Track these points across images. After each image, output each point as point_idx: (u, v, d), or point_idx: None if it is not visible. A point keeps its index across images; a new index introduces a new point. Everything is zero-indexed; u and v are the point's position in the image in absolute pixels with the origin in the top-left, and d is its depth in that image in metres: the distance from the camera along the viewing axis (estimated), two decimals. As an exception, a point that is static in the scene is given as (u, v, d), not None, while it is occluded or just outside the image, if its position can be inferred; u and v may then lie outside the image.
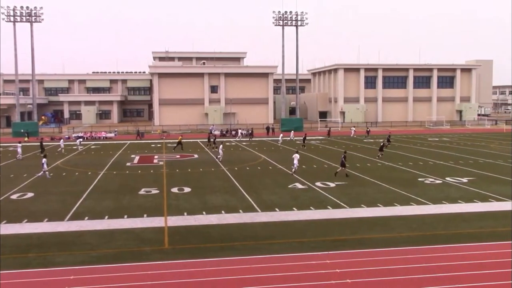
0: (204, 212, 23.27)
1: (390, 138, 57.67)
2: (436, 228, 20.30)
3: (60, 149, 52.81)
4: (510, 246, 17.76)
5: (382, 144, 46.98)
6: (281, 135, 64.12)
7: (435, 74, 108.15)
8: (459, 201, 25.47)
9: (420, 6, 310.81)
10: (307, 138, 59.46)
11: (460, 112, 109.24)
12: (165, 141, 66.21)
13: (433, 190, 28.57)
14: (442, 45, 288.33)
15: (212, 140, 57.61)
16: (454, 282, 14.37)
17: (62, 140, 55.89)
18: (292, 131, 70.20)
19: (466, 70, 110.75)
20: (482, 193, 27.32)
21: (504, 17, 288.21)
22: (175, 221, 21.69)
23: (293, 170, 35.11)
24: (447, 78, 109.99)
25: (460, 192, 27.73)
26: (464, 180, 31.86)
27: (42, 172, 34.44)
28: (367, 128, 76.33)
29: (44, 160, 34.77)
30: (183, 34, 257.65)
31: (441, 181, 31.45)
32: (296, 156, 35.72)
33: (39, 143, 54.39)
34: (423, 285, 14.19)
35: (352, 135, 71.58)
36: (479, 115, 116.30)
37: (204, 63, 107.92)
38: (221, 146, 45.86)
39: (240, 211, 23.58)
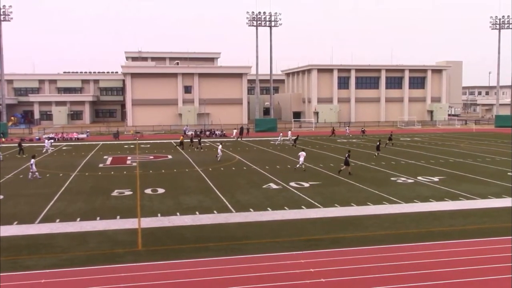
0: (178, 213, 23.13)
1: (392, 137, 58.28)
2: (408, 227, 20.60)
3: (45, 149, 51.67)
4: (480, 243, 18.14)
5: (378, 143, 47.20)
6: (281, 134, 63.25)
7: (406, 75, 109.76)
8: (431, 199, 25.89)
9: (391, 7, 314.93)
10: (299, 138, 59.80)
11: (431, 112, 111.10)
12: (138, 141, 65.60)
13: (405, 189, 28.98)
14: (413, 46, 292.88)
15: (196, 140, 57.50)
16: (426, 279, 14.59)
17: (48, 141, 54.25)
18: (290, 131, 69.06)
19: (437, 71, 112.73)
20: (453, 192, 27.83)
21: (473, 19, 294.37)
22: (148, 222, 21.50)
23: (297, 166, 36.91)
24: (418, 79, 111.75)
25: (431, 191, 28.19)
26: (435, 179, 32.41)
27: (30, 173, 33.76)
28: (362, 128, 77.16)
29: (32, 161, 34.05)
30: (157, 34, 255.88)
31: (413, 180, 31.93)
32: (302, 154, 37.20)
33: (17, 144, 52.22)
34: (396, 283, 14.37)
35: (347, 134, 71.53)
36: (449, 115, 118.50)
37: (177, 63, 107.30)
38: (220, 146, 45.95)
39: (215, 211, 23.52)
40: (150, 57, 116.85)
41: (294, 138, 59.40)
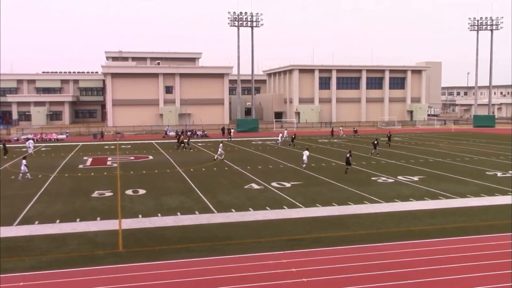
0: (159, 214, 23.00)
1: (391, 137, 58.74)
2: (388, 226, 20.78)
3: (29, 150, 50.87)
4: (460, 242, 18.38)
5: (376, 142, 47.36)
6: (281, 134, 63.00)
7: (387, 75, 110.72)
8: (411, 199, 26.16)
9: (371, 7, 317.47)
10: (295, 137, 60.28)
11: (411, 112, 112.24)
12: (119, 142, 65.07)
13: (385, 188, 29.23)
14: (393, 47, 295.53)
15: (186, 140, 57.46)
16: (407, 278, 14.73)
17: (30, 141, 53.25)
18: (286, 130, 69.04)
19: (417, 71, 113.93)
20: (432, 191, 28.16)
21: (452, 20, 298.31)
22: (129, 223, 21.33)
23: (303, 165, 38.01)
24: (398, 79, 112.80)
25: (411, 190, 28.49)
26: (415, 178, 32.75)
27: (21, 175, 33.26)
28: (354, 128, 77.75)
29: (23, 162, 33.51)
30: (137, 34, 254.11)
31: (393, 180, 32.22)
32: (306, 153, 38.63)
33: (1, 145, 51.08)
34: (377, 282, 14.49)
35: (341, 134, 71.72)
36: (429, 115, 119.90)
37: (158, 63, 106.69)
38: (221, 145, 46.16)
39: (196, 212, 23.44)
40: (131, 57, 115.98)
41: (292, 137, 59.63)
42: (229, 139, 67.42)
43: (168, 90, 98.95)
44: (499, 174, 34.37)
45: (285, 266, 15.79)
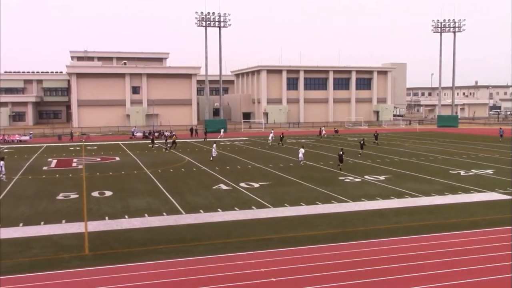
0: (126, 216, 22.71)
1: (378, 137, 59.43)
2: (355, 225, 21.03)
3: None
4: (424, 239, 18.75)
5: (362, 142, 48.39)
6: (271, 134, 62.68)
7: (353, 76, 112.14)
8: (377, 198, 26.54)
9: (337, 8, 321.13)
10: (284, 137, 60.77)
11: (377, 112, 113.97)
12: (85, 143, 63.96)
13: (353, 188, 29.58)
14: (359, 48, 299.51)
15: (166, 141, 57.30)
16: (374, 276, 14.93)
17: None
18: (272, 130, 67.84)
19: (382, 72, 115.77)
20: (398, 190, 28.64)
21: (416, 22, 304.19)
22: (96, 226, 20.99)
23: (301, 162, 39.53)
24: (364, 80, 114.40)
25: (378, 190, 28.91)
26: (382, 178, 33.25)
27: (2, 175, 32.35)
28: (335, 128, 78.33)
29: (1, 163, 32.52)
30: (103, 33, 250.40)
31: (360, 179, 32.63)
32: (301, 150, 40.05)
33: None
34: (345, 280, 14.64)
35: (323, 134, 71.75)
36: (394, 115, 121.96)
37: (125, 63, 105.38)
38: (214, 145, 46.12)
39: (164, 213, 23.24)
40: (97, 57, 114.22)
41: (280, 136, 59.83)
42: (205, 139, 66.89)
43: (135, 90, 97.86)
44: (462, 173, 35.21)
45: (254, 266, 15.80)
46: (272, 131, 65.88)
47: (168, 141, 57.61)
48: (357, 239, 18.76)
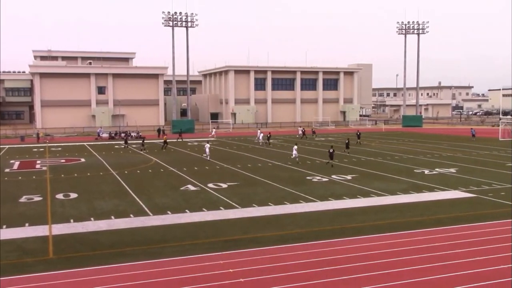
0: (92, 218, 22.34)
1: (360, 136, 60.00)
2: (323, 224, 21.21)
3: None
4: (390, 237, 19.06)
5: (347, 141, 49.32)
6: (260, 133, 62.77)
7: (320, 76, 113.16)
8: (344, 197, 26.84)
9: (306, 10, 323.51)
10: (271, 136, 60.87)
11: (343, 113, 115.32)
12: (49, 145, 62.61)
13: (320, 187, 29.84)
14: (326, 49, 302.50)
15: (143, 142, 56.79)
16: (342, 274, 15.09)
17: None
18: (259, 131, 67.13)
19: (349, 73, 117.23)
20: (365, 189, 29.03)
21: (382, 24, 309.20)
22: (60, 229, 20.57)
23: (296, 159, 41.58)
24: (331, 80, 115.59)
25: (345, 189, 29.24)
26: (348, 177, 33.65)
27: None
28: (313, 128, 78.61)
29: None
30: (68, 33, 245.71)
31: (327, 179, 32.94)
32: (295, 147, 42.27)
33: None
34: (313, 279, 14.75)
35: (299, 134, 71.56)
36: (360, 115, 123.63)
37: (90, 63, 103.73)
38: (207, 145, 46.10)
39: (131, 215, 22.96)
40: (61, 57, 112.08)
41: (268, 136, 59.99)
42: (180, 140, 66.12)
43: (101, 90, 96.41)
44: (426, 171, 35.94)
45: (222, 267, 15.77)
46: (259, 130, 66.36)
47: (141, 141, 57.34)
48: (324, 239, 18.92)
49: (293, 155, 41.69)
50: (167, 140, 56.91)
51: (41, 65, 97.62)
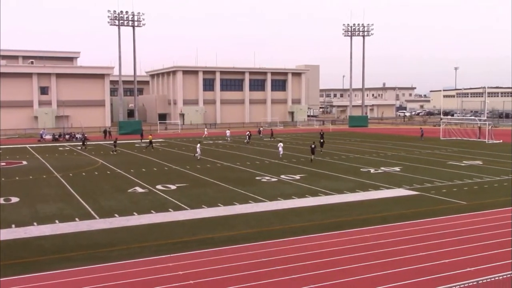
0: (35, 223, 21.59)
1: (324, 135, 60.08)
2: (272, 224, 21.37)
3: None
4: (338, 236, 19.42)
5: (322, 141, 52.41)
6: (228, 132, 66.59)
7: (269, 77, 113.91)
8: (293, 197, 27.13)
9: (254, 11, 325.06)
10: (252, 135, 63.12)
11: (292, 113, 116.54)
12: (-12, 147, 59.99)
13: (269, 187, 30.04)
14: (274, 50, 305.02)
15: (84, 142, 55.97)
16: (292, 273, 15.24)
17: None
18: (228, 130, 68.96)
19: (297, 74, 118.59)
20: (313, 189, 29.45)
21: (329, 26, 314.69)
22: (2, 234, 19.74)
23: (280, 155, 44.57)
24: (280, 81, 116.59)
25: (293, 189, 29.56)
26: (297, 177, 34.04)
27: None
28: (271, 128, 78.78)
29: None
30: (8, 31, 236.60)
31: (276, 179, 33.20)
32: (281, 145, 45.35)
33: None
34: (264, 279, 14.82)
35: (260, 136, 71.23)
36: (308, 116, 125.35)
37: (32, 63, 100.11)
38: (198, 145, 46.17)
39: (77, 219, 22.35)
40: (0, 56, 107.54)
41: (248, 135, 62.16)
42: (144, 143, 64.41)
43: (44, 91, 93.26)
44: (372, 170, 36.86)
45: (172, 270, 15.61)
46: (228, 131, 68.40)
47: (86, 142, 56.33)
48: (274, 238, 19.07)
49: (280, 153, 44.51)
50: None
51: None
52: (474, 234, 19.38)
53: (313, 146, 43.14)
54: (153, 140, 57.06)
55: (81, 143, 59.86)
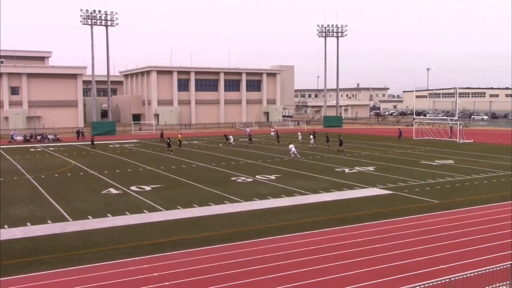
0: (6, 226, 21.12)
1: (315, 135, 60.16)
2: (248, 224, 21.35)
3: None
4: (313, 235, 19.52)
5: (313, 134, 55.23)
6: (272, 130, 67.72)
7: (244, 78, 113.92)
8: (269, 197, 27.16)
9: (228, 10, 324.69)
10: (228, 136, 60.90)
11: (267, 113, 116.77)
12: (-43, 148, 58.51)
13: (245, 188, 30.02)
14: (249, 50, 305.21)
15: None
16: (269, 273, 15.25)
17: None
18: (224, 133, 68.16)
19: (271, 74, 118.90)
20: (289, 188, 29.54)
21: (304, 27, 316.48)
22: (-29, 238, 19.28)
23: (292, 155, 44.18)
24: (255, 82, 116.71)
25: (269, 189, 29.60)
26: (272, 177, 34.10)
27: None
28: (277, 131, 79.02)
29: None
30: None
31: (252, 179, 33.20)
32: (292, 145, 45.45)
33: None
34: (240, 279, 14.79)
35: (247, 133, 70.57)
36: (283, 116, 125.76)
37: (2, 62, 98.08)
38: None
39: (49, 221, 21.96)
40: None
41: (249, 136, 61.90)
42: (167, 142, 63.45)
43: (14, 91, 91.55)
44: (346, 170, 37.16)
45: (147, 271, 15.45)
46: (226, 134, 65.69)
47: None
48: (250, 238, 19.06)
49: (293, 152, 44.33)
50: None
51: None
52: (446, 232, 19.71)
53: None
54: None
55: (90, 143, 57.88)
